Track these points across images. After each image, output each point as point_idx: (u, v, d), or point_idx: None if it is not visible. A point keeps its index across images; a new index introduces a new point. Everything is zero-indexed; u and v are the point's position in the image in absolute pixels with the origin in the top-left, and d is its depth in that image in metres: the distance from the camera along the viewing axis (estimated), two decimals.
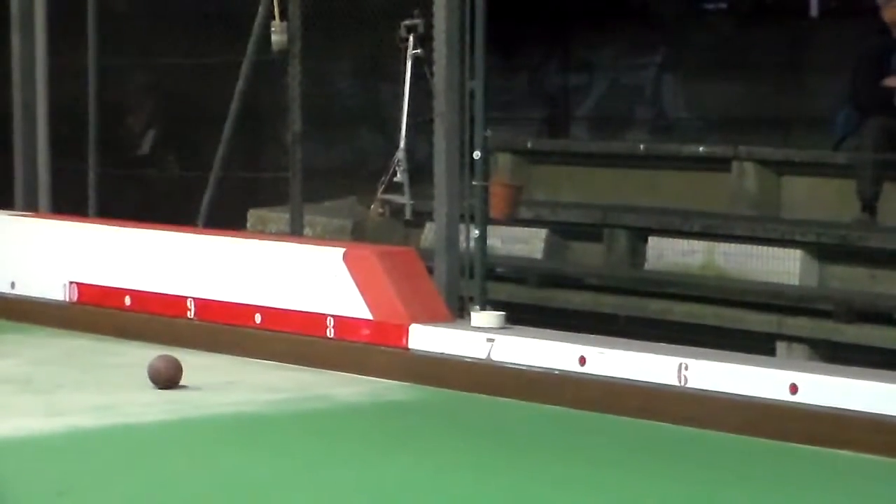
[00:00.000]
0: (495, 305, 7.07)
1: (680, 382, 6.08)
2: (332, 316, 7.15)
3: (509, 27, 9.11)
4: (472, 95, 7.09)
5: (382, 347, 6.97)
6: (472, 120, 7.11)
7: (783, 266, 8.32)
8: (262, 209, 10.27)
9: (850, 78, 9.21)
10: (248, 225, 10.35)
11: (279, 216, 9.74)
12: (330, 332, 7.15)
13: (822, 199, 9.14)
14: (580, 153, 10.62)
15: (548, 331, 6.90)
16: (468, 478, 5.28)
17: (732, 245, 8.66)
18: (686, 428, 5.94)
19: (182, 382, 6.57)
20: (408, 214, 8.68)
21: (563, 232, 9.60)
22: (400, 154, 8.75)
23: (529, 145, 10.77)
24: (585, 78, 12.06)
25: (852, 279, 8.20)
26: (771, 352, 7.88)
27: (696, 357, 6.15)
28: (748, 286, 8.34)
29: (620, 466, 5.48)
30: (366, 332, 7.04)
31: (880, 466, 5.47)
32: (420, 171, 8.42)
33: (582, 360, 6.36)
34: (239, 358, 7.29)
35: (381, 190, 8.88)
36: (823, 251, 8.37)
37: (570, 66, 12.15)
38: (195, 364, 6.82)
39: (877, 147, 8.72)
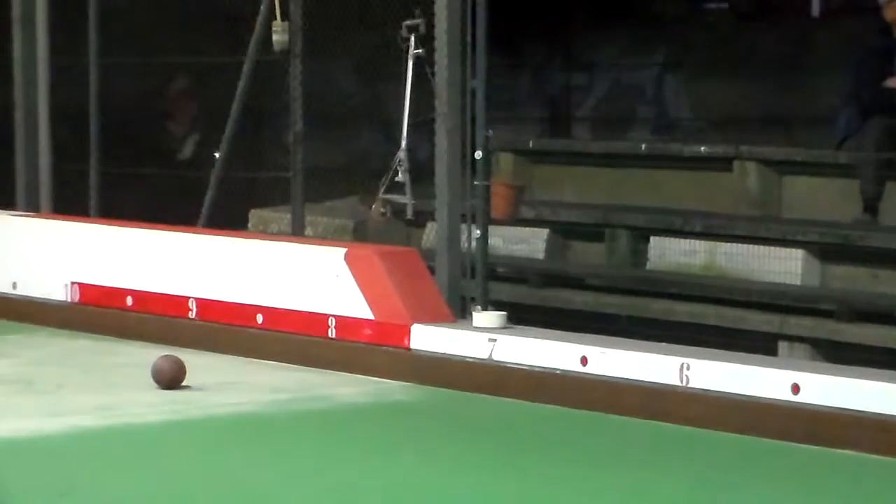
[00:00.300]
0: (497, 305, 7.07)
1: (682, 382, 6.08)
2: (334, 316, 7.15)
3: (511, 27, 9.10)
4: (473, 95, 7.08)
5: (384, 347, 6.97)
6: (473, 120, 7.11)
7: (785, 266, 8.31)
8: (264, 209, 10.27)
9: (851, 78, 9.20)
10: (250, 225, 10.35)
11: (281, 216, 9.74)
12: (332, 333, 7.15)
13: (824, 198, 9.13)
14: (582, 153, 10.61)
15: (550, 331, 6.90)
16: (471, 478, 5.27)
17: (734, 245, 8.65)
18: (688, 428, 5.94)
19: (184, 383, 6.57)
20: (409, 214, 8.67)
21: (564, 232, 9.59)
22: (401, 154, 8.75)
23: (531, 145, 10.76)
24: (587, 78, 12.05)
25: (854, 279, 8.20)
26: (773, 351, 7.87)
27: (698, 357, 6.15)
28: (750, 286, 8.33)
29: (622, 466, 5.48)
30: (367, 332, 7.04)
31: (883, 466, 5.47)
32: (421, 171, 8.42)
33: (584, 360, 6.36)
34: (241, 358, 7.29)
35: (382, 190, 8.88)
36: (825, 251, 8.36)
37: (572, 66, 12.14)
38: (197, 364, 6.82)
39: (879, 147, 8.71)
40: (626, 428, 6.04)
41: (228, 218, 9.38)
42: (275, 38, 8.64)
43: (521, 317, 7.14)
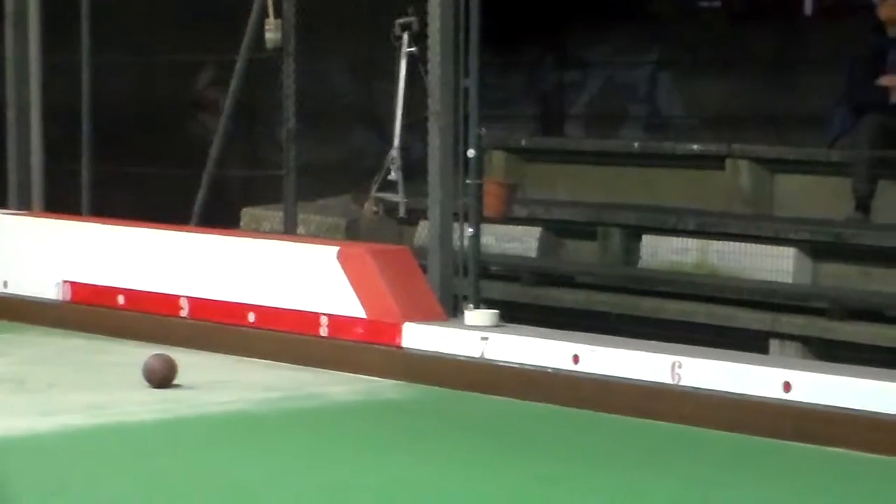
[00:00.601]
0: (489, 304, 7.07)
1: (673, 380, 6.08)
2: (326, 314, 7.15)
3: (504, 25, 9.09)
4: (465, 93, 7.08)
5: (376, 346, 6.97)
6: (465, 118, 7.11)
7: (777, 264, 8.31)
8: (256, 207, 10.26)
9: (844, 76, 9.20)
10: (242, 223, 10.34)
11: (273, 214, 9.74)
12: (324, 331, 7.15)
13: (816, 196, 9.13)
14: (574, 151, 10.61)
15: (541, 329, 6.91)
16: (462, 476, 5.27)
17: (726, 243, 8.65)
18: (679, 426, 5.95)
19: (176, 381, 6.57)
20: (402, 213, 8.68)
21: (557, 230, 9.59)
22: (394, 152, 8.75)
23: (524, 143, 10.76)
24: (580, 76, 12.05)
25: (846, 277, 8.20)
26: (764, 350, 7.87)
27: (690, 355, 6.15)
28: (741, 284, 8.34)
29: (614, 464, 5.48)
30: (359, 330, 7.04)
31: (874, 464, 5.48)
32: (414, 170, 8.42)
33: (575, 359, 6.36)
34: (233, 357, 7.29)
35: (375, 188, 8.88)
36: (817, 249, 8.36)
37: (565, 64, 12.14)
38: (189, 363, 6.82)
39: (872, 145, 8.71)
40: (617, 426, 6.04)
41: (221, 216, 9.38)
42: (267, 35, 8.63)
43: (514, 315, 7.14)
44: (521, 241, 9.49)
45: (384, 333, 6.95)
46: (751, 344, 7.45)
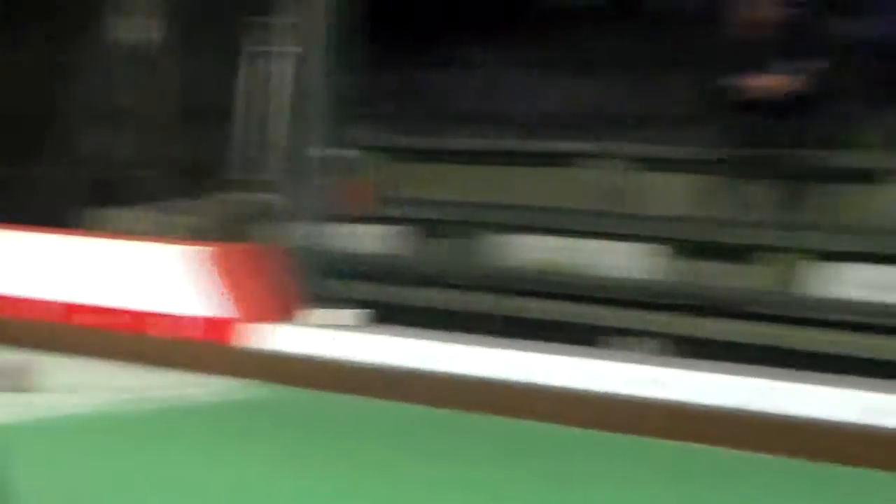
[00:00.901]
0: (355, 304, 7.03)
1: (535, 379, 6.08)
2: (189, 316, 7.05)
3: (379, 22, 9.05)
4: (336, 91, 7.04)
5: (234, 347, 6.90)
6: (335, 116, 7.07)
7: (639, 262, 8.37)
8: (123, 209, 10.10)
9: (714, 75, 9.30)
10: (109, 226, 10.16)
11: (140, 215, 9.58)
12: (188, 332, 7.06)
13: (678, 194, 9.22)
14: (446, 150, 10.59)
15: (404, 328, 6.91)
16: (303, 476, 5.22)
17: (594, 241, 8.69)
18: (542, 424, 5.95)
19: (29, 385, 6.44)
20: (266, 212, 8.60)
21: (425, 229, 9.56)
22: (264, 152, 8.66)
23: (395, 142, 10.72)
24: (455, 74, 12.05)
25: (710, 274, 8.28)
26: (628, 347, 7.90)
27: (551, 353, 6.17)
28: (606, 282, 8.38)
29: (474, 463, 5.46)
30: (221, 330, 6.96)
31: (738, 460, 5.53)
32: (282, 169, 8.35)
33: (439, 359, 6.34)
34: (85, 359, 7.18)
35: (241, 188, 8.79)
36: (680, 246, 8.43)
37: (440, 63, 12.14)
38: (47, 366, 6.69)
39: (739, 143, 8.81)
40: (478, 425, 6.03)
41: (87, 218, 9.22)
42: (130, 33, 8.51)
43: (382, 315, 7.10)
44: (390, 241, 9.45)
45: (246, 334, 6.88)
46: (615, 342, 7.49)
